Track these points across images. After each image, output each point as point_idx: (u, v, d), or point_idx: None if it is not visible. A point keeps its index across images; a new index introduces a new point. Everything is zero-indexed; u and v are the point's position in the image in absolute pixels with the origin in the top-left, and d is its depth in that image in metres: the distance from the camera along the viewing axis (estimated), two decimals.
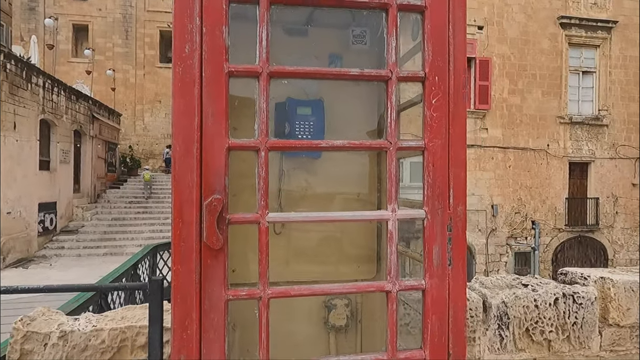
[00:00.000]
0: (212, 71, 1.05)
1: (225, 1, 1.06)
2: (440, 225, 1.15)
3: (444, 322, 1.15)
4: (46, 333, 1.86)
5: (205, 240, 1.03)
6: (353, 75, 1.11)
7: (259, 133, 1.08)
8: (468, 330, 2.16)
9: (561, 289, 2.31)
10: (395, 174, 1.16)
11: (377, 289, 1.17)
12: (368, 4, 1.13)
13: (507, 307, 2.23)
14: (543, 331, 2.26)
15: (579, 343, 2.30)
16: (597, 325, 2.32)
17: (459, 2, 1.16)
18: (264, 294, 1.06)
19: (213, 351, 1.05)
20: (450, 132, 1.16)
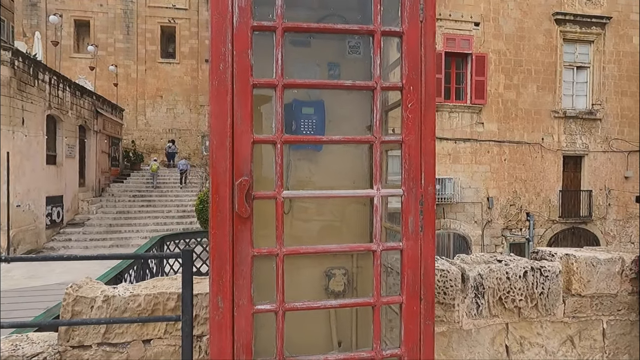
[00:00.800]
0: (241, 84, 1.40)
1: (250, 30, 1.40)
2: (414, 200, 1.50)
3: (417, 275, 1.50)
4: (92, 297, 2.22)
5: (236, 211, 1.38)
6: (347, 86, 1.46)
7: (276, 130, 1.43)
8: (448, 298, 2.53)
9: (530, 264, 2.68)
10: (379, 162, 1.51)
11: (366, 249, 1.53)
12: (358, 31, 1.48)
13: (482, 279, 2.59)
14: (514, 300, 2.62)
15: (546, 310, 2.66)
16: (561, 295, 2.69)
17: (429, 30, 1.51)
18: (280, 251, 1.42)
19: (243, 294, 1.40)
20: (422, 129, 1.51)
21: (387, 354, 1.51)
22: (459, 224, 13.84)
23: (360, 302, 1.52)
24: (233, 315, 1.40)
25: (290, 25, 1.44)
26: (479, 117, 13.90)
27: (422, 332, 1.52)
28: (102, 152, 18.70)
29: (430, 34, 1.52)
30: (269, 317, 1.48)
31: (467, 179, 13.81)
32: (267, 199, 1.44)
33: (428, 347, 1.53)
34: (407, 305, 1.50)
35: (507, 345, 2.65)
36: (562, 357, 2.72)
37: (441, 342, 2.54)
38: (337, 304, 1.55)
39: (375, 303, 1.48)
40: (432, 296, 1.53)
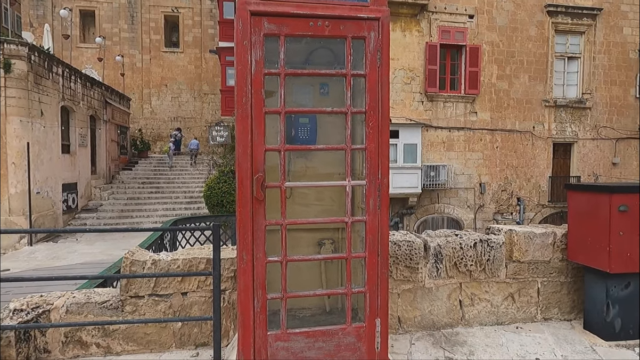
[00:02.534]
0: (256, 111, 2.12)
1: (263, 76, 2.12)
2: (374, 188, 2.23)
3: (375, 238, 2.25)
4: (143, 260, 2.98)
5: (255, 195, 2.12)
6: (329, 111, 2.18)
7: (280, 141, 2.16)
8: (413, 263, 3.28)
9: (479, 237, 3.43)
10: (350, 163, 2.23)
11: (341, 221, 2.27)
12: (335, 74, 2.20)
13: (441, 248, 3.34)
14: (466, 264, 3.37)
15: (492, 273, 3.42)
16: (504, 261, 3.44)
17: (384, 71, 2.22)
18: (283, 222, 2.17)
19: (259, 250, 2.15)
20: (379, 140, 2.23)
21: (356, 290, 2.26)
22: (453, 208, 14.59)
23: (337, 256, 2.27)
24: (253, 264, 2.15)
25: (290, 71, 2.16)
26: (472, 107, 14.53)
27: (379, 277, 2.27)
28: (111, 140, 19.46)
29: (385, 74, 2.23)
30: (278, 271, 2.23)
31: (461, 165, 14.51)
32: (275, 188, 2.17)
33: (383, 287, 2.28)
34: (369, 258, 2.25)
35: (461, 300, 3.41)
36: (504, 309, 3.48)
37: (408, 296, 3.32)
38: (321, 257, 2.30)
39: (347, 257, 2.23)
40: (386, 253, 2.28)
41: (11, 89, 11.97)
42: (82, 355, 2.89)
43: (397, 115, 13.86)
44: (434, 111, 14.34)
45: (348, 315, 2.26)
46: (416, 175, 13.56)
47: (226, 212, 12.29)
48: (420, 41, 13.95)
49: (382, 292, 2.29)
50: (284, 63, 2.14)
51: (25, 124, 12.25)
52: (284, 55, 2.14)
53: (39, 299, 2.96)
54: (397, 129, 13.56)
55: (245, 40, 2.11)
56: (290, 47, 2.25)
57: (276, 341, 2.19)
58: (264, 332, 2.18)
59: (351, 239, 2.25)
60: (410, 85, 14.08)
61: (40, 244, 12.85)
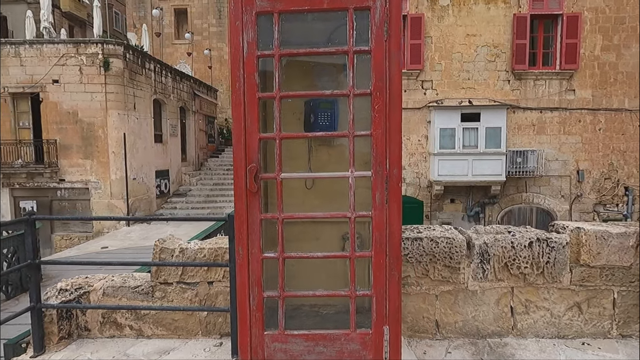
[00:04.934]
0: (249, 97, 1.97)
1: (256, 59, 1.96)
2: (381, 180, 1.97)
3: (383, 236, 1.99)
4: (172, 248, 3.03)
5: (248, 187, 1.99)
6: (327, 94, 1.96)
7: (276, 129, 1.99)
8: (454, 262, 2.93)
9: (536, 235, 2.95)
10: (353, 151, 1.99)
11: (343, 216, 2.05)
12: (335, 52, 1.96)
13: (488, 247, 2.94)
14: (519, 267, 2.94)
15: (552, 277, 2.94)
16: (567, 265, 2.93)
17: (394, 45, 1.93)
18: (279, 216, 2.01)
19: (254, 245, 2.03)
20: (388, 125, 1.95)
21: (361, 293, 2.04)
22: (543, 198, 13.19)
23: (339, 255, 2.06)
24: (248, 260, 2.03)
25: (284, 52, 1.97)
26: (569, 84, 12.89)
27: (387, 280, 2.02)
28: (199, 130, 20.81)
29: (394, 49, 1.94)
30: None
31: (554, 150, 13.02)
32: (270, 179, 2.02)
33: (393, 291, 2.02)
34: (375, 259, 2.01)
35: (512, 307, 2.99)
36: (568, 321, 2.97)
37: (447, 299, 2.98)
38: (322, 255, 2.10)
39: (351, 256, 2.01)
40: (396, 253, 2.01)
41: (110, 85, 13.29)
42: (117, 335, 3.04)
43: (479, 96, 12.81)
44: (522, 90, 12.99)
45: (352, 319, 2.05)
46: (500, 162, 12.46)
47: None
48: (507, 13, 12.65)
49: (392, 296, 2.03)
50: (278, 43, 1.95)
51: (122, 116, 13.54)
52: (278, 35, 1.95)
53: (83, 280, 3.17)
54: (478, 111, 12.55)
55: (237, 21, 1.97)
56: (288, 27, 2.06)
57: (273, 342, 2.07)
58: (261, 331, 2.06)
59: (355, 236, 2.02)
60: (494, 63, 12.90)
61: (137, 225, 14.24)
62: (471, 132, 12.51)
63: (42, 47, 13.20)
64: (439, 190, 12.85)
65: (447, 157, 12.63)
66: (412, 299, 2.99)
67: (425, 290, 2.98)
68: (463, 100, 12.89)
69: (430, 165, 13.05)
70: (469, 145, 12.56)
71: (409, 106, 13.18)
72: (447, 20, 12.93)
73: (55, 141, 13.42)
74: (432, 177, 12.94)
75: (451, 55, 12.99)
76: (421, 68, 13.01)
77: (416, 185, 13.44)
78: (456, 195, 13.27)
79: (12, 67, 13.28)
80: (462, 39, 12.93)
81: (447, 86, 13.04)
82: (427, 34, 12.98)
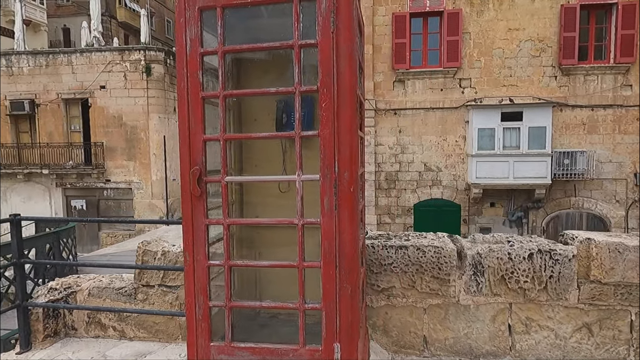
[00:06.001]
0: (193, 97, 1.88)
1: (199, 56, 1.87)
2: (329, 184, 1.81)
3: (333, 246, 1.83)
4: (155, 251, 3.01)
5: (191, 191, 1.90)
6: (272, 92, 1.83)
7: (220, 130, 1.89)
8: (443, 273, 2.69)
9: (537, 246, 2.66)
10: (300, 153, 1.85)
11: (289, 223, 1.90)
12: (279, 47, 1.82)
13: (481, 258, 2.68)
14: (518, 280, 2.65)
15: (556, 294, 2.63)
16: (575, 280, 2.61)
17: (343, 38, 1.77)
18: (224, 222, 1.90)
19: (200, 252, 1.93)
20: (336, 125, 1.79)
21: (310, 306, 1.88)
22: (595, 203, 12.19)
23: (286, 264, 1.92)
24: (194, 267, 1.94)
25: (228, 48, 1.86)
26: (625, 79, 11.83)
27: (337, 293, 1.85)
28: None
29: (344, 41, 1.77)
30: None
31: (607, 151, 12.00)
32: (214, 182, 1.92)
33: (345, 306, 1.85)
34: (324, 270, 1.85)
35: (510, 325, 2.71)
36: (576, 344, 2.65)
37: (437, 313, 2.74)
38: (267, 264, 1.97)
39: (299, 266, 1.87)
40: (348, 264, 1.84)
41: (151, 90, 13.86)
42: (101, 335, 3.07)
43: (522, 94, 12.07)
44: (570, 87, 12.09)
45: (301, 334, 1.90)
46: (544, 163, 11.66)
47: None
48: (554, 4, 11.83)
49: (344, 311, 1.86)
50: (222, 40, 1.85)
51: (162, 119, 14.07)
52: (222, 30, 1.85)
53: (73, 280, 3.24)
54: (521, 110, 11.83)
55: (181, 18, 1.89)
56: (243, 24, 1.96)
57: (219, 354, 1.96)
58: (207, 342, 1.96)
59: (303, 244, 1.87)
60: (539, 58, 12.10)
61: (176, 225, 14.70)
62: (512, 132, 11.80)
63: (91, 55, 13.99)
64: (478, 194, 12.22)
65: (486, 159, 11.99)
66: (398, 312, 2.78)
67: (412, 302, 2.76)
68: (504, 99, 12.19)
69: (468, 167, 12.46)
70: (509, 146, 11.85)
71: (445, 106, 12.68)
72: (487, 14, 12.29)
73: (102, 144, 14.17)
74: (470, 180, 12.34)
75: (491, 51, 12.34)
76: (458, 66, 12.46)
77: (453, 188, 12.87)
78: (496, 199, 12.57)
79: (65, 74, 14.18)
80: (503, 34, 12.24)
81: (487, 84, 12.40)
82: (465, 30, 12.41)
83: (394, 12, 12.63)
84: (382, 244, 2.76)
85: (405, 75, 12.80)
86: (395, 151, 13.04)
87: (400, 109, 12.91)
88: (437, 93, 12.73)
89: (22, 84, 14.50)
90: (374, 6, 12.69)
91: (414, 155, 12.96)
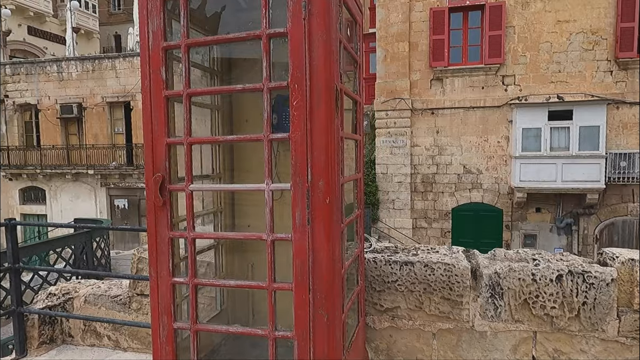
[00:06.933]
0: (156, 96, 1.70)
1: (162, 51, 1.68)
2: (301, 195, 1.56)
3: (306, 265, 1.58)
4: None
5: (153, 200, 1.72)
6: (239, 89, 1.61)
7: (184, 133, 1.69)
8: (454, 295, 2.37)
9: (568, 267, 2.28)
10: (269, 158, 1.61)
11: (257, 238, 1.67)
12: (245, 38, 1.60)
13: (500, 278, 2.34)
14: (544, 306, 2.29)
15: (591, 324, 2.25)
16: (614, 308, 2.22)
17: (317, 26, 1.52)
18: (189, 235, 1.70)
19: (163, 268, 1.74)
20: (309, 126, 1.54)
21: (280, 334, 1.64)
22: None
23: (254, 285, 1.69)
24: (157, 284, 1.76)
25: (191, 41, 1.66)
26: None
27: (312, 320, 1.60)
28: None
29: (317, 30, 1.52)
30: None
31: None
32: (178, 191, 1.73)
33: (320, 335, 1.60)
34: (296, 293, 1.60)
35: (535, 357, 2.34)
36: None
37: (449, 339, 2.43)
38: (234, 284, 1.75)
39: (268, 288, 1.63)
40: (325, 288, 1.59)
41: None
42: (97, 344, 2.98)
43: (572, 90, 11.19)
44: (629, 82, 11.06)
45: None
46: (597, 166, 10.72)
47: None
48: None
49: (318, 341, 1.61)
50: (186, 32, 1.65)
51: None
52: (185, 22, 1.65)
53: (72, 285, 3.18)
54: (571, 108, 10.96)
55: (143, 9, 1.71)
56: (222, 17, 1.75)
57: None
58: None
59: (273, 263, 1.63)
60: (592, 52, 11.16)
61: None
62: (561, 132, 10.95)
63: (133, 60, 14.46)
64: (521, 198, 11.44)
65: (531, 161, 11.20)
66: (403, 335, 2.48)
67: (420, 326, 2.45)
68: (551, 96, 11.34)
69: (512, 170, 11.69)
70: (557, 147, 11.00)
71: (486, 104, 11.98)
72: (534, 6, 11.49)
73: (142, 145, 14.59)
74: (514, 183, 11.57)
75: (538, 45, 11.52)
76: (501, 62, 11.74)
77: (495, 192, 12.14)
78: (542, 204, 11.71)
79: (109, 78, 14.76)
80: (551, 27, 11.39)
81: (533, 81, 11.59)
82: (509, 24, 11.67)
83: (432, 8, 12.10)
84: (386, 258, 2.47)
85: (444, 73, 12.23)
86: (432, 152, 12.49)
87: (438, 109, 12.35)
88: (478, 91, 12.06)
89: (71, 89, 15.24)
90: (410, 2, 12.22)
91: (452, 157, 12.34)
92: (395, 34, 12.38)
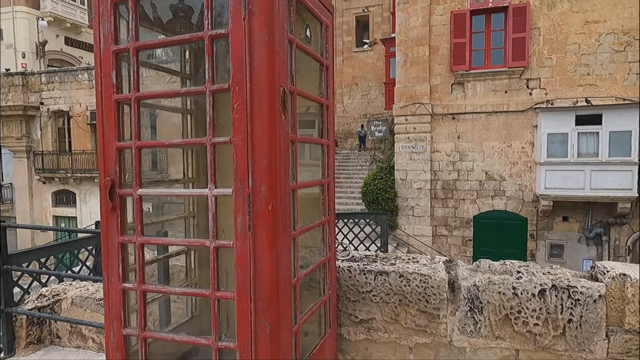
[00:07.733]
0: (106, 100, 1.69)
1: (113, 54, 1.68)
2: (242, 200, 1.51)
3: (247, 274, 1.52)
4: None
5: (103, 204, 1.71)
6: (182, 93, 1.57)
7: (133, 137, 1.67)
8: (430, 307, 2.25)
9: (551, 281, 2.13)
10: (212, 163, 1.57)
11: (201, 245, 1.62)
12: (189, 40, 1.57)
13: (479, 291, 2.21)
14: (526, 322, 2.15)
15: (577, 344, 2.10)
16: (602, 327, 2.06)
17: (257, 26, 1.47)
18: (137, 240, 1.68)
19: (113, 273, 1.73)
20: (250, 130, 1.49)
21: (223, 345, 1.59)
22: None
23: (198, 292, 1.64)
24: (108, 289, 1.74)
25: (140, 44, 1.64)
26: None
27: (253, 331, 1.54)
28: None
29: (258, 30, 1.47)
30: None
31: None
32: (127, 195, 1.71)
33: (262, 346, 1.53)
34: (238, 302, 1.55)
35: None
36: None
37: (425, 354, 2.31)
38: (180, 291, 1.70)
39: (211, 296, 1.58)
40: (267, 297, 1.52)
41: None
42: (82, 346, 3.01)
43: (602, 94, 10.67)
44: None
45: None
46: (629, 173, 10.16)
47: (381, 209, 11.85)
48: None
49: (261, 351, 1.54)
50: (135, 35, 1.64)
51: None
52: (134, 24, 1.64)
53: (62, 287, 3.23)
54: (600, 112, 10.46)
55: (96, 14, 1.71)
56: None
57: None
58: None
59: (217, 270, 1.58)
60: (623, 53, 10.62)
61: None
62: (589, 137, 10.45)
63: None
64: (547, 206, 10.96)
65: (558, 167, 10.73)
66: (379, 348, 2.38)
67: (396, 339, 2.34)
68: (579, 100, 10.85)
69: (537, 177, 11.24)
70: (585, 153, 10.49)
71: (510, 109, 11.60)
72: (561, 7, 11.06)
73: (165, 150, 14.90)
74: (539, 191, 11.11)
75: (565, 47, 11.07)
76: (526, 65, 11.34)
77: (518, 199, 11.69)
78: (570, 213, 11.18)
79: None
80: (579, 28, 10.93)
81: (559, 84, 11.13)
82: (534, 26, 11.28)
83: (453, 11, 11.85)
84: (361, 268, 2.38)
85: (465, 77, 11.93)
86: (453, 158, 12.17)
87: (459, 113, 12.05)
88: (501, 95, 11.69)
89: None
90: (430, 5, 12.01)
91: (474, 163, 11.99)
92: (415, 38, 12.18)
